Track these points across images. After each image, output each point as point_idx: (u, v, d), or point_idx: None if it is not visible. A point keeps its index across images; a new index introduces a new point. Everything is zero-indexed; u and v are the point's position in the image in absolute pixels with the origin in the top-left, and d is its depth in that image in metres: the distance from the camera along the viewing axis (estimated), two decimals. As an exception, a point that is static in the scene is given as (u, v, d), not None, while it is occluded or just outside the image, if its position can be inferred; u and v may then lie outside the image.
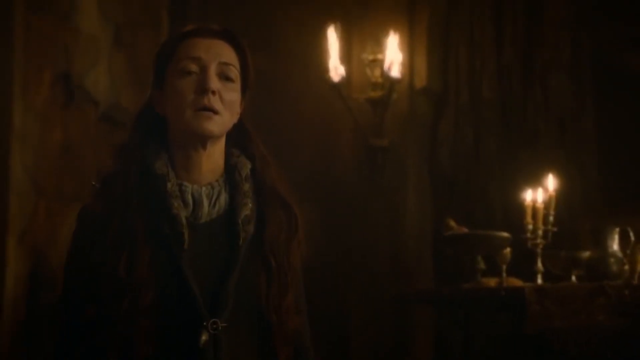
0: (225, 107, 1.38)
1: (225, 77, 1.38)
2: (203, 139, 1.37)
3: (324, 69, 3.66)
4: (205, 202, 1.36)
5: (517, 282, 3.08)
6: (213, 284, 1.32)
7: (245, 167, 1.41)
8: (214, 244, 1.35)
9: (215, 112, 1.36)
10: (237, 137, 1.44)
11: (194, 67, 1.37)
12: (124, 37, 3.79)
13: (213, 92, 1.36)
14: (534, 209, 3.08)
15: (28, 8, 3.34)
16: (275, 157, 1.47)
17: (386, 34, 3.62)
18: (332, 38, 3.65)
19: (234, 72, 1.40)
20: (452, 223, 3.26)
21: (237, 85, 1.41)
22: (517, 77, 3.74)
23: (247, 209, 1.37)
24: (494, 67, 3.76)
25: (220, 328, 1.30)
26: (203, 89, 1.35)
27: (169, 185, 1.35)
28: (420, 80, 3.73)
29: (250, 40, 1.45)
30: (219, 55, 1.39)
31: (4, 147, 3.23)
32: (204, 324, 1.29)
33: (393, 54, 3.60)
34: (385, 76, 3.64)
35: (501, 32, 3.76)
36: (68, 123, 3.48)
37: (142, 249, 1.30)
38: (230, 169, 1.41)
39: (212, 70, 1.37)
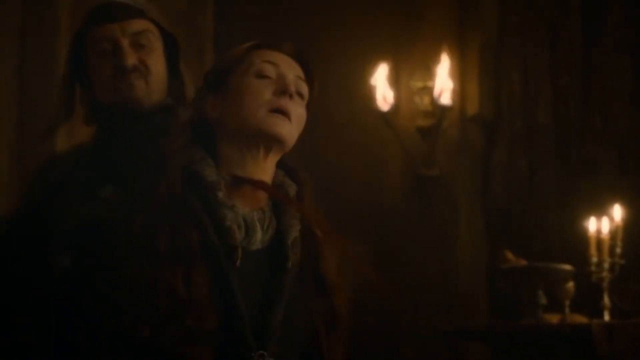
0: (296, 119, 1.30)
1: (297, 92, 1.31)
2: (270, 143, 1.27)
3: (372, 98, 3.58)
4: (259, 227, 1.26)
5: (581, 319, 2.93)
6: (260, 313, 1.22)
7: (291, 187, 1.33)
8: (264, 271, 1.25)
9: (290, 119, 1.28)
10: (282, 163, 1.35)
11: (271, 72, 1.30)
12: (167, 68, 3.76)
13: (291, 96, 1.28)
14: (599, 239, 2.92)
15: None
16: (322, 189, 1.39)
17: (436, 61, 3.53)
18: (380, 66, 3.57)
19: (305, 90, 1.34)
20: (510, 255, 3.13)
21: (305, 104, 1.34)
22: (574, 103, 3.60)
23: (296, 230, 1.28)
24: (550, 93, 3.63)
25: None
26: (283, 90, 1.28)
27: (220, 194, 1.23)
28: (472, 107, 3.62)
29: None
30: (294, 69, 1.33)
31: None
32: (252, 355, 1.19)
33: (443, 81, 3.50)
34: (435, 104, 3.54)
35: (556, 56, 3.64)
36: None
37: (199, 265, 1.18)
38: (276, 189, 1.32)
39: (290, 79, 1.30)
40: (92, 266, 1.26)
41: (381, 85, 3.58)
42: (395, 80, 3.63)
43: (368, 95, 3.61)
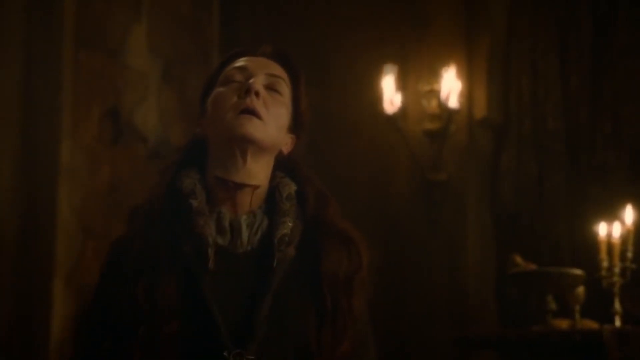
0: (270, 116, 1.28)
1: (272, 89, 1.30)
2: (243, 145, 1.25)
3: (379, 101, 3.54)
4: (245, 231, 1.26)
5: (592, 325, 2.87)
6: (243, 314, 1.21)
7: (288, 186, 1.31)
8: (251, 272, 1.24)
9: (258, 117, 1.26)
10: (285, 168, 1.35)
11: (238, 76, 1.30)
12: (173, 72, 3.76)
13: (257, 94, 1.27)
14: (609, 244, 2.87)
15: (77, 45, 3.33)
16: (330, 193, 1.36)
17: (443, 64, 3.49)
18: (387, 69, 3.54)
19: (283, 87, 1.31)
20: (519, 259, 3.08)
21: (286, 100, 1.32)
22: (585, 107, 3.54)
23: (286, 227, 1.26)
24: (559, 96, 3.58)
25: None
26: (246, 90, 1.27)
27: (194, 203, 1.25)
28: (480, 111, 3.58)
29: (303, 73, 1.37)
30: (267, 67, 1.32)
31: (52, 185, 3.20)
32: (225, 354, 1.18)
33: (451, 84, 3.46)
34: (443, 107, 3.50)
35: (566, 60, 3.59)
36: (116, 160, 3.44)
37: (167, 274, 1.21)
38: (270, 191, 1.31)
39: (259, 78, 1.29)
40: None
41: (388, 89, 3.55)
42: (402, 83, 3.60)
43: (375, 98, 3.58)
